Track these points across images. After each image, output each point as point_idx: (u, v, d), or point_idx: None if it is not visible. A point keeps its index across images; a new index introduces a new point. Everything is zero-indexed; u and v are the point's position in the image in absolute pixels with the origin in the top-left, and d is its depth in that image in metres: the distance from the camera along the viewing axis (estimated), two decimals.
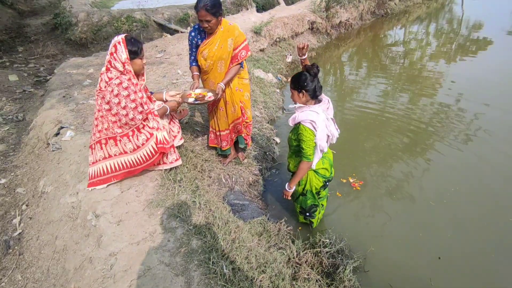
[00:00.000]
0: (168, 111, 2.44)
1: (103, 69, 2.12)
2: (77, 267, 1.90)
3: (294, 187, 2.39)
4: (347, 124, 4.51)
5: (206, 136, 3.49)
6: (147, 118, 2.22)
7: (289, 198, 2.49)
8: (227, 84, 2.66)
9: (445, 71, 6.28)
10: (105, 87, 2.09)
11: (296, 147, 2.28)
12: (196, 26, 2.57)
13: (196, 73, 2.70)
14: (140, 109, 2.14)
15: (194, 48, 2.62)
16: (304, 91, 2.11)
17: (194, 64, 2.70)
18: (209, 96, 2.54)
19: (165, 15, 8.92)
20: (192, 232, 2.06)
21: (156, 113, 2.28)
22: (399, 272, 2.39)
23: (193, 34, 2.58)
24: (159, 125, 2.28)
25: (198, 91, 2.62)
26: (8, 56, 6.62)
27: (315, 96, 2.16)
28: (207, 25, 2.40)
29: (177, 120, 2.68)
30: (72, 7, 8.16)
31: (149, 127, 2.23)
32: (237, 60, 2.60)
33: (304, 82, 2.09)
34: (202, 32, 2.55)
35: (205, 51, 2.54)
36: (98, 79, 2.15)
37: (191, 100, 2.53)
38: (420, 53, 7.76)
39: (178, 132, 2.65)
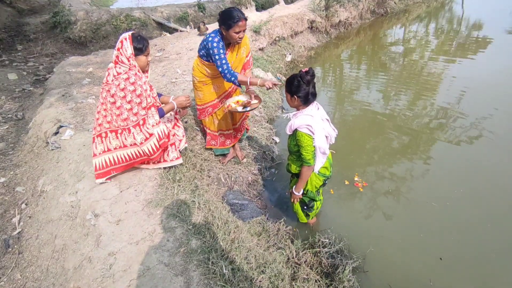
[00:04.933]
0: (175, 107, 2.45)
1: (111, 64, 2.18)
2: (76, 267, 1.90)
3: (302, 190, 2.37)
4: (347, 124, 4.50)
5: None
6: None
7: (298, 200, 2.46)
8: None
9: (445, 70, 6.27)
10: (112, 80, 2.14)
11: (297, 152, 2.27)
12: (213, 34, 2.43)
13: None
14: (144, 104, 2.17)
15: (224, 54, 2.45)
16: (295, 96, 2.10)
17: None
18: (256, 103, 2.61)
19: (164, 13, 8.91)
20: (192, 232, 2.06)
21: (156, 105, 2.30)
22: (399, 273, 2.39)
23: (217, 40, 2.41)
24: (156, 121, 2.30)
25: (242, 98, 2.67)
26: (8, 55, 6.60)
27: (306, 102, 2.13)
28: (242, 35, 2.40)
29: (181, 125, 2.68)
30: (71, 6, 8.12)
31: (148, 126, 2.23)
32: (249, 66, 2.76)
33: (296, 88, 2.07)
34: (221, 41, 2.45)
35: None
36: (100, 76, 2.17)
37: (240, 108, 2.57)
38: (420, 52, 7.75)
39: (183, 136, 2.68)
